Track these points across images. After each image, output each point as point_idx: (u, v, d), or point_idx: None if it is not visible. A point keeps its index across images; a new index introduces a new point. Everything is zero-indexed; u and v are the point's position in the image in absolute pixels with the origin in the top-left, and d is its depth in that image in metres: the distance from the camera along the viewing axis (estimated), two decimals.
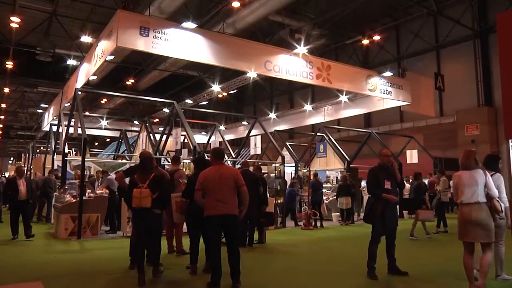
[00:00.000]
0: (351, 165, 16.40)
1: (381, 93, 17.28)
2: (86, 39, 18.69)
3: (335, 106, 24.23)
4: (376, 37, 22.57)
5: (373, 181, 6.32)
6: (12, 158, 51.21)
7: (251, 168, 10.35)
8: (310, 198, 13.37)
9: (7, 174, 29.09)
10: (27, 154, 25.95)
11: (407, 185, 16.60)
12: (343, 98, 22.98)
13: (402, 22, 23.31)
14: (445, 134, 23.51)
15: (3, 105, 34.90)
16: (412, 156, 18.93)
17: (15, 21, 17.91)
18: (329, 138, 17.72)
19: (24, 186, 9.83)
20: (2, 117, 39.50)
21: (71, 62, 22.56)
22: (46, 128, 25.80)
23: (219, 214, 5.41)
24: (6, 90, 29.40)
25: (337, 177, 18.01)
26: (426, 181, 16.74)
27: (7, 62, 22.45)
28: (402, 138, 21.52)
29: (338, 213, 14.44)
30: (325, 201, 15.56)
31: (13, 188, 9.70)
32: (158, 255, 6.11)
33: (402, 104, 18.82)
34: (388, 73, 17.75)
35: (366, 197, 15.76)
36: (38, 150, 26.59)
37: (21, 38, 21.07)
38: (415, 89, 18.58)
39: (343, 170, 16.45)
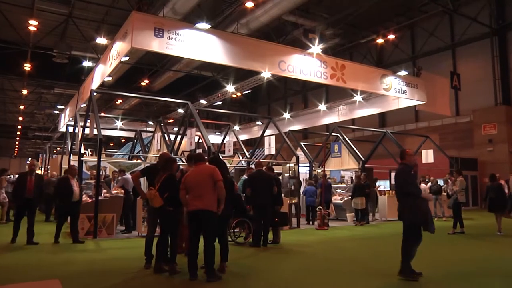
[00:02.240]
0: (366, 165, 16.29)
1: (396, 92, 17.13)
2: (101, 40, 18.88)
3: (350, 106, 24.11)
4: (391, 36, 22.38)
5: (411, 180, 6.07)
6: (29, 159, 51.95)
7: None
8: (320, 198, 13.43)
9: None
10: (44, 155, 26.30)
11: (422, 185, 16.52)
12: (358, 97, 22.85)
13: (417, 21, 23.07)
14: (461, 133, 23.24)
15: (21, 107, 35.49)
16: (427, 156, 18.71)
17: (33, 24, 18.22)
18: (344, 138, 17.62)
19: (78, 187, 9.42)
20: (21, 118, 40.17)
21: (86, 63, 22.82)
22: (62, 129, 26.13)
23: (194, 209, 5.81)
24: (24, 92, 29.92)
25: (351, 177, 17.90)
26: (441, 182, 16.71)
27: (25, 65, 22.82)
28: (417, 137, 21.31)
29: (353, 213, 14.36)
30: (340, 201, 15.52)
31: (67, 189, 9.17)
32: (172, 253, 6.26)
33: (417, 104, 18.63)
34: (403, 72, 17.57)
35: (381, 197, 15.80)
36: (54, 151, 26.97)
37: (38, 40, 21.40)
38: (430, 88, 18.37)
39: (357, 170, 16.34)
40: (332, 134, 18.83)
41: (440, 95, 19.12)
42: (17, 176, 11.13)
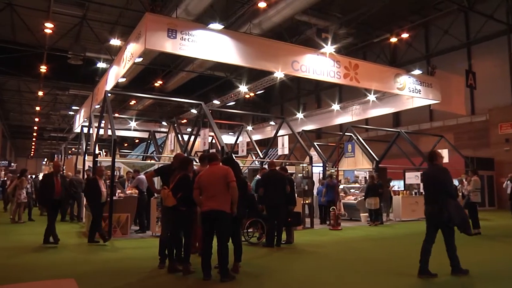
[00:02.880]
0: (380, 165, 16.18)
1: (410, 91, 16.97)
2: (115, 42, 19.04)
3: (363, 106, 23.98)
4: (404, 35, 22.16)
5: (451, 182, 6.15)
6: (45, 159, 52.69)
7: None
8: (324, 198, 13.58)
9: (41, 175, 29.87)
10: (60, 155, 26.62)
11: None
12: (371, 97, 22.70)
13: (431, 19, 22.80)
14: (477, 133, 22.94)
15: (37, 108, 36.00)
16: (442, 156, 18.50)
17: (48, 27, 18.46)
18: (357, 138, 17.53)
19: (105, 187, 9.38)
20: (37, 119, 40.75)
21: (101, 65, 23.03)
22: (77, 129, 26.45)
23: (208, 209, 5.86)
24: (40, 93, 30.37)
25: (365, 177, 17.80)
26: (456, 182, 16.50)
27: (41, 67, 23.13)
28: (431, 137, 21.09)
29: (367, 214, 14.27)
30: (353, 201, 15.44)
31: (95, 189, 9.10)
32: (186, 253, 6.29)
33: (432, 103, 18.43)
34: (417, 71, 17.40)
35: (395, 197, 15.68)
36: (70, 151, 27.32)
37: (54, 43, 21.66)
38: (445, 87, 18.16)
39: (371, 170, 16.24)
40: (346, 134, 18.74)
41: (455, 94, 18.89)
42: (41, 177, 11.07)
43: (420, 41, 25.88)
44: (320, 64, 14.30)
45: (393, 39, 22.53)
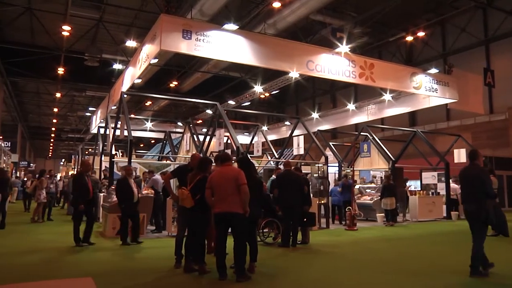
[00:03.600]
0: (396, 165, 16.04)
1: (426, 90, 16.79)
2: (130, 43, 19.22)
3: (379, 105, 23.77)
4: (420, 34, 21.90)
5: (490, 181, 6.15)
6: (63, 160, 53.45)
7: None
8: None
9: (58, 176, 30.35)
10: (77, 156, 26.96)
11: (453, 185, 16.16)
12: (387, 96, 22.51)
13: (447, 17, 22.50)
14: (495, 132, 22.55)
15: (55, 109, 36.55)
16: (460, 155, 18.25)
17: (66, 30, 18.75)
18: (373, 138, 17.40)
19: (136, 187, 9.41)
20: (55, 120, 41.38)
21: (116, 66, 23.27)
22: (94, 130, 26.73)
23: (221, 211, 5.86)
24: (58, 95, 30.84)
25: (381, 177, 17.66)
26: None
27: (58, 69, 23.46)
28: (448, 137, 20.80)
29: (383, 214, 14.15)
30: (369, 201, 15.33)
31: (127, 189, 9.14)
32: (201, 253, 6.32)
33: (449, 102, 18.20)
34: (433, 70, 17.20)
35: (412, 197, 15.52)
36: (86, 152, 27.65)
37: (71, 45, 21.98)
38: (462, 86, 17.91)
39: (387, 170, 16.10)
40: (361, 133, 18.62)
41: (473, 92, 18.62)
42: (72, 177, 11.01)
43: (436, 40, 25.56)
44: (335, 64, 14.24)
45: (409, 38, 22.30)
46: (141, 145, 45.92)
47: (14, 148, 37.63)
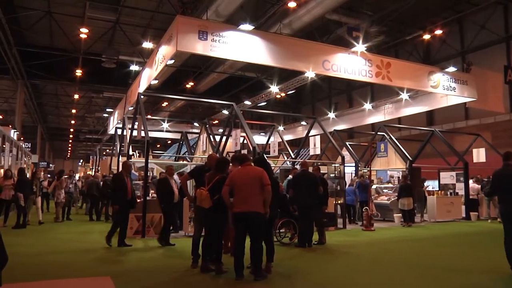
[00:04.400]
0: (413, 164, 15.87)
1: (444, 89, 16.57)
2: (147, 45, 19.39)
3: (396, 104, 23.56)
4: (438, 32, 21.56)
5: None
6: (81, 160, 54.19)
7: (310, 169, 10.27)
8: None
9: (77, 176, 30.75)
10: (95, 157, 27.30)
11: (473, 185, 15.92)
12: (404, 95, 22.28)
13: (466, 14, 22.15)
14: None
15: (74, 111, 37.10)
16: (479, 155, 17.98)
17: (83, 32, 19.05)
18: (390, 137, 17.25)
19: (176, 187, 9.51)
20: (73, 121, 42.01)
21: (133, 67, 23.52)
22: (111, 131, 27.08)
23: (241, 211, 5.86)
24: (76, 96, 31.31)
25: (398, 177, 17.50)
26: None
27: (76, 71, 23.82)
28: (467, 136, 20.49)
29: (400, 214, 14.02)
30: (386, 201, 15.20)
31: (168, 190, 9.29)
32: (218, 253, 6.36)
33: (468, 101, 17.93)
34: (451, 69, 16.97)
35: (430, 197, 15.35)
36: (104, 152, 27.98)
37: (88, 47, 22.28)
38: (481, 84, 17.63)
39: (405, 170, 15.95)
40: (378, 133, 18.47)
41: (492, 91, 18.31)
42: (112, 177, 11.05)
43: (454, 37, 25.17)
44: (351, 63, 14.16)
45: (426, 36, 22.00)
46: (158, 146, 46.28)
47: (34, 149, 38.23)
